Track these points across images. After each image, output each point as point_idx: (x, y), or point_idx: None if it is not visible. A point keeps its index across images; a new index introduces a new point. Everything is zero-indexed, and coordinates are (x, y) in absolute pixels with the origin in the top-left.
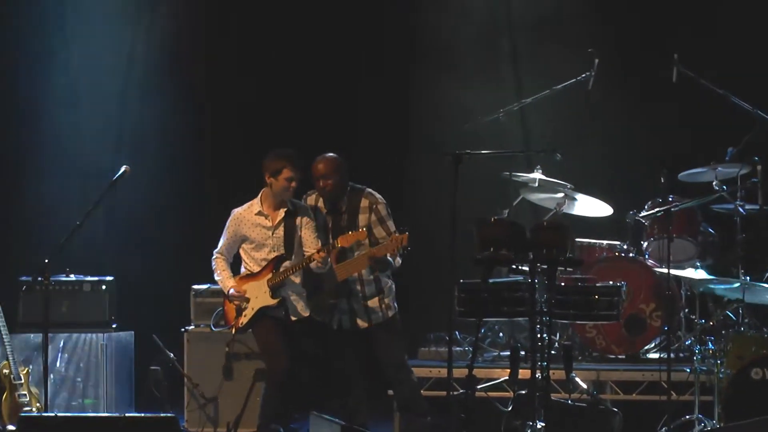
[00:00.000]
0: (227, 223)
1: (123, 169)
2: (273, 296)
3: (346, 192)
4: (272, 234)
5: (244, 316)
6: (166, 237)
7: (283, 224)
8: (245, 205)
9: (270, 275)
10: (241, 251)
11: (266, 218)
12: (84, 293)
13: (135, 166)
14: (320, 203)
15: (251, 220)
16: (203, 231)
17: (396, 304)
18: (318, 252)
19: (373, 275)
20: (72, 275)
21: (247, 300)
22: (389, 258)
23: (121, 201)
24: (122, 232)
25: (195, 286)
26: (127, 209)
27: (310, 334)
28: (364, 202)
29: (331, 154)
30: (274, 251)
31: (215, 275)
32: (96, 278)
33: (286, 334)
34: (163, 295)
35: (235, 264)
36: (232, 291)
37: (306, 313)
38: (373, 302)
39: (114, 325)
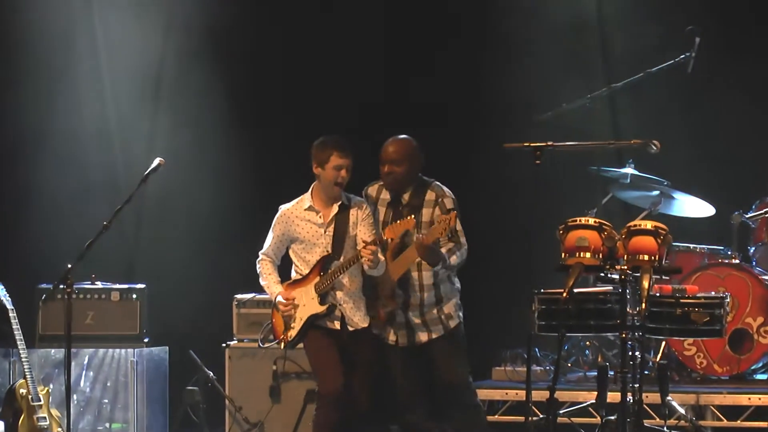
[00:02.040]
0: (274, 222)
1: (157, 161)
2: (321, 302)
3: (413, 183)
4: (324, 232)
5: (292, 328)
6: (204, 239)
7: (335, 220)
8: (294, 201)
9: (317, 279)
10: (290, 253)
11: (317, 214)
12: (112, 303)
13: (169, 158)
14: (383, 194)
15: (301, 216)
16: (247, 233)
17: (461, 313)
18: (365, 246)
19: (433, 279)
20: (98, 282)
21: (296, 308)
22: (443, 252)
23: (154, 198)
24: (155, 234)
25: (238, 296)
26: (160, 208)
27: (369, 347)
28: (430, 195)
29: (404, 136)
30: (328, 252)
31: (261, 280)
32: (125, 286)
33: (342, 348)
34: (201, 305)
35: (285, 269)
36: (279, 298)
37: (365, 324)
38: (433, 312)
39: (146, 340)
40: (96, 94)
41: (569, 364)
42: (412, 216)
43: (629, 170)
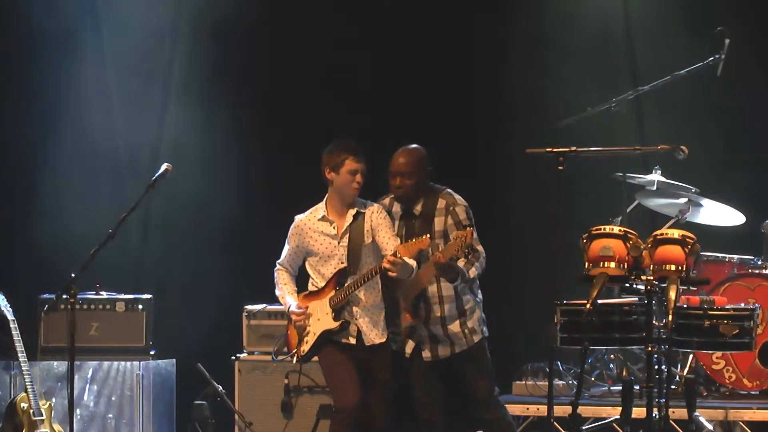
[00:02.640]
0: (289, 233)
1: (164, 167)
2: (336, 318)
3: (424, 193)
4: (339, 243)
5: (306, 342)
6: (214, 248)
7: (349, 232)
8: (308, 212)
9: (332, 293)
10: (306, 266)
11: (331, 225)
12: (117, 314)
13: (177, 164)
14: (395, 208)
15: (314, 228)
16: (259, 241)
17: (485, 328)
18: (390, 257)
19: (454, 291)
20: (103, 292)
21: (308, 318)
22: (461, 266)
23: (161, 206)
24: (162, 242)
25: (248, 307)
26: (168, 215)
27: (387, 364)
28: (441, 203)
29: (415, 145)
30: (344, 264)
31: (276, 290)
32: (131, 296)
33: (358, 365)
34: (210, 316)
35: (303, 282)
36: (292, 307)
37: (382, 339)
38: (455, 326)
39: (152, 352)
40: (102, 102)
41: (593, 378)
42: (427, 235)
43: (656, 177)
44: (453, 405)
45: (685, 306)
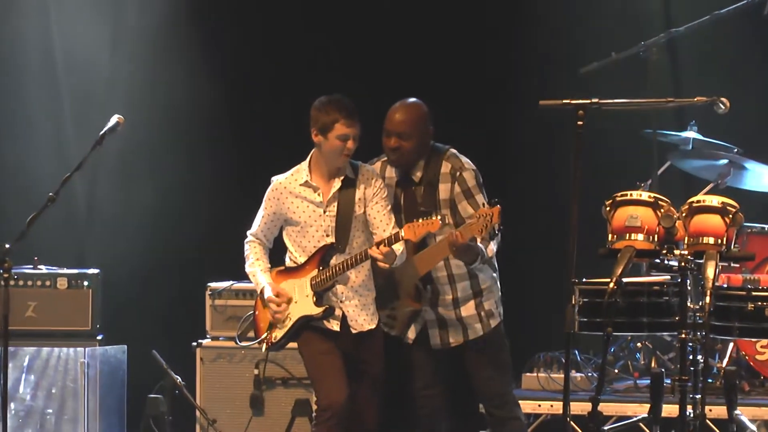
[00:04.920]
0: (265, 196)
1: (114, 119)
2: (318, 303)
3: (425, 155)
4: (324, 212)
5: (279, 327)
6: (172, 215)
7: (338, 198)
8: (289, 173)
9: (315, 272)
10: (284, 236)
11: (315, 191)
12: (58, 292)
13: (130, 117)
14: (389, 172)
15: (295, 192)
16: (226, 208)
17: (501, 310)
18: (378, 246)
19: (467, 268)
20: (42, 266)
21: (288, 302)
22: (479, 244)
23: (112, 166)
24: (112, 209)
25: (212, 285)
26: (119, 177)
27: (379, 353)
28: (446, 167)
29: (413, 100)
30: (329, 236)
31: (246, 266)
32: (75, 271)
33: (345, 354)
34: (167, 295)
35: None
36: (268, 292)
37: (372, 325)
38: (469, 308)
39: (99, 337)
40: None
41: (616, 371)
42: (438, 217)
43: (691, 134)
44: (458, 402)
45: (725, 286)
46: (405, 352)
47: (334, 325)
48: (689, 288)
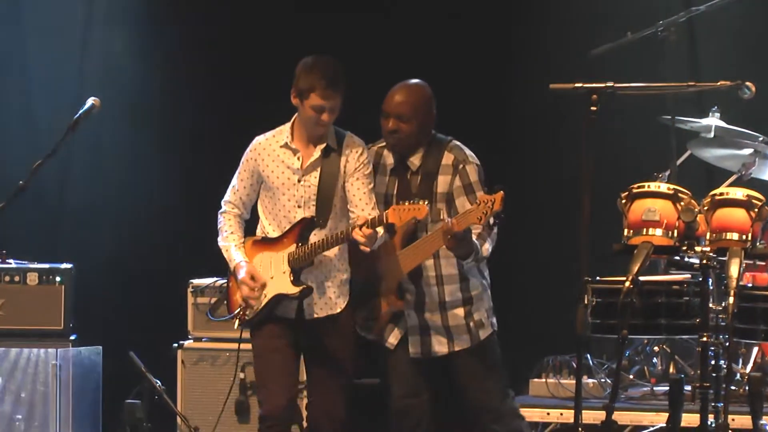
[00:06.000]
0: (244, 157)
1: (90, 102)
2: (295, 282)
3: (425, 143)
4: (301, 181)
5: (252, 305)
6: (151, 206)
7: (319, 168)
8: (270, 133)
9: (293, 248)
10: (258, 204)
11: (295, 154)
12: (28, 288)
13: (107, 102)
14: (385, 158)
15: (273, 154)
16: (209, 198)
17: (494, 320)
18: (360, 227)
19: (458, 270)
20: (10, 260)
21: (262, 287)
22: (474, 240)
23: (87, 154)
24: (86, 198)
25: (195, 281)
26: (93, 164)
27: (346, 347)
28: (447, 158)
29: (416, 81)
30: (301, 208)
31: (219, 239)
32: (46, 266)
33: (300, 349)
34: (146, 293)
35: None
36: (242, 273)
37: (335, 310)
38: (456, 316)
39: (73, 337)
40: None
41: (632, 376)
42: (425, 201)
43: (713, 121)
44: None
45: (750, 285)
46: (384, 357)
47: (289, 311)
48: (711, 288)
